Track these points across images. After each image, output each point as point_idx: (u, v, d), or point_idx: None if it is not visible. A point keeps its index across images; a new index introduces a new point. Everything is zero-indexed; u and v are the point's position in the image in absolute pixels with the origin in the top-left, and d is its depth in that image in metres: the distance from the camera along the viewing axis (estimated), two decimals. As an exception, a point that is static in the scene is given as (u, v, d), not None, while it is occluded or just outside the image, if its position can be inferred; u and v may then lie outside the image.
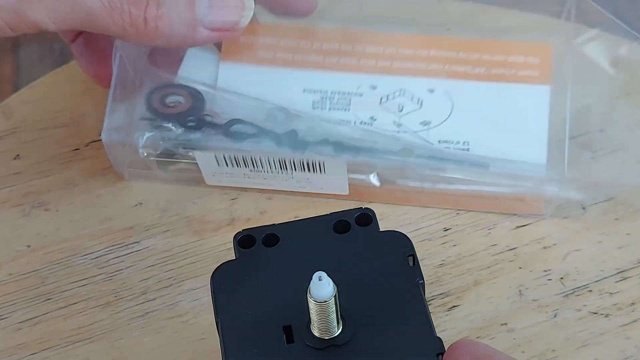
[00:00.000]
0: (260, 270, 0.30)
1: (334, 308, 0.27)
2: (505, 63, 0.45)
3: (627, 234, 0.42)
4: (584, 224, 0.43)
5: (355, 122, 0.43)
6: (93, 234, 0.43)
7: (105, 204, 0.44)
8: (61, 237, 0.43)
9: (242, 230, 0.31)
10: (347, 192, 0.43)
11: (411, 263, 0.30)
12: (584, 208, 0.44)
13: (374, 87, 0.44)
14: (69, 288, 0.41)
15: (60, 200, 0.44)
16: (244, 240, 0.31)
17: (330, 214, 0.31)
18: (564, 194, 0.43)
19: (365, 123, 0.43)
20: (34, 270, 0.41)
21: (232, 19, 0.34)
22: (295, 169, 0.42)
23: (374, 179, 0.43)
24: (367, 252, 0.30)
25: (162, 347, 0.38)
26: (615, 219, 0.43)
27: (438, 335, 0.29)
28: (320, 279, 0.26)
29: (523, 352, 0.37)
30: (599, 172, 0.45)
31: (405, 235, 0.31)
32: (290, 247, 0.30)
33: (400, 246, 0.30)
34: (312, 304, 0.27)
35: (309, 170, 0.42)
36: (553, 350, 0.38)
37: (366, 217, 0.31)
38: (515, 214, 0.43)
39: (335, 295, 0.27)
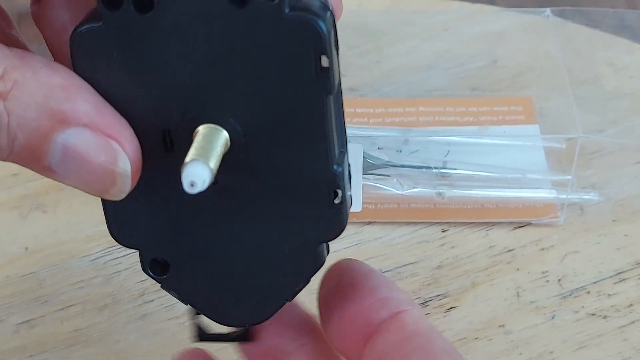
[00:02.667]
0: (129, 48, 0.23)
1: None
2: (491, 112, 0.48)
3: (625, 235, 0.42)
4: (581, 226, 0.43)
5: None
6: (91, 236, 0.43)
7: (102, 206, 0.44)
8: (59, 239, 0.43)
9: None
10: (360, 209, 0.43)
11: (324, 64, 0.23)
12: (582, 209, 0.44)
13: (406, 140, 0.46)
14: (67, 290, 0.41)
15: (58, 203, 0.44)
16: None
17: None
18: (563, 196, 0.43)
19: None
20: (32, 273, 0.41)
21: (92, 188, 0.23)
22: None
23: (392, 187, 0.43)
24: (266, 42, 0.23)
25: (160, 349, 0.38)
26: (613, 221, 0.43)
27: (340, 169, 0.24)
28: (192, 185, 0.21)
29: (521, 354, 0.37)
30: (597, 173, 0.45)
31: (317, 26, 0.22)
32: (169, 17, 0.23)
33: (309, 41, 0.22)
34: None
35: None
36: (551, 352, 0.38)
37: None
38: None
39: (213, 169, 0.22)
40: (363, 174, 0.43)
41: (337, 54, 0.24)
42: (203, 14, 0.23)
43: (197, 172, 0.22)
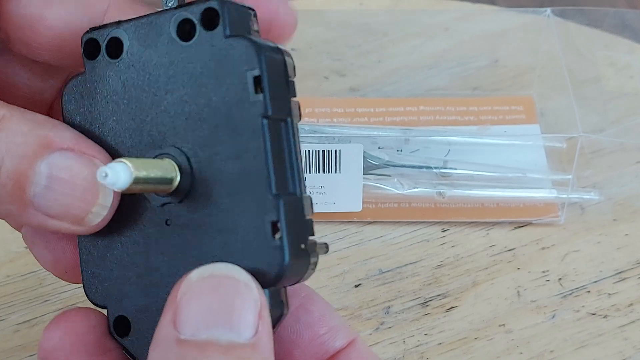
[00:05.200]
0: (103, 91, 0.26)
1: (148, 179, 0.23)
2: (491, 112, 0.49)
3: (626, 234, 0.42)
4: (582, 225, 0.43)
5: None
6: (91, 236, 0.43)
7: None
8: (59, 238, 0.43)
9: (88, 30, 0.26)
10: (360, 208, 0.43)
11: (259, 84, 0.23)
12: (582, 209, 0.44)
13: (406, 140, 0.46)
14: (67, 289, 0.41)
15: (58, 202, 0.44)
16: (90, 45, 0.26)
17: (174, 8, 0.25)
18: (564, 195, 0.43)
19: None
20: (32, 272, 0.41)
21: (74, 212, 0.24)
22: (309, 170, 0.42)
23: (392, 187, 0.44)
24: (210, 70, 0.24)
25: (160, 348, 0.38)
26: (614, 220, 0.43)
27: (280, 202, 0.23)
28: (105, 176, 0.22)
29: (521, 353, 0.37)
30: (598, 173, 0.45)
31: (248, 46, 0.23)
32: (133, 60, 0.25)
33: (242, 60, 0.23)
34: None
35: (323, 168, 0.42)
36: (551, 351, 0.38)
37: (212, 14, 0.24)
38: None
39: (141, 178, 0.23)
40: (364, 174, 0.43)
41: (288, 90, 0.24)
42: (159, 53, 0.25)
43: (116, 167, 0.22)
